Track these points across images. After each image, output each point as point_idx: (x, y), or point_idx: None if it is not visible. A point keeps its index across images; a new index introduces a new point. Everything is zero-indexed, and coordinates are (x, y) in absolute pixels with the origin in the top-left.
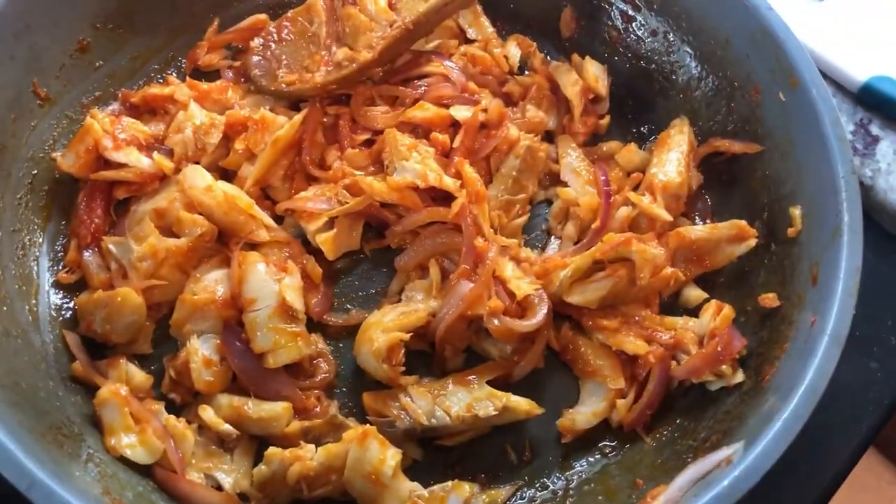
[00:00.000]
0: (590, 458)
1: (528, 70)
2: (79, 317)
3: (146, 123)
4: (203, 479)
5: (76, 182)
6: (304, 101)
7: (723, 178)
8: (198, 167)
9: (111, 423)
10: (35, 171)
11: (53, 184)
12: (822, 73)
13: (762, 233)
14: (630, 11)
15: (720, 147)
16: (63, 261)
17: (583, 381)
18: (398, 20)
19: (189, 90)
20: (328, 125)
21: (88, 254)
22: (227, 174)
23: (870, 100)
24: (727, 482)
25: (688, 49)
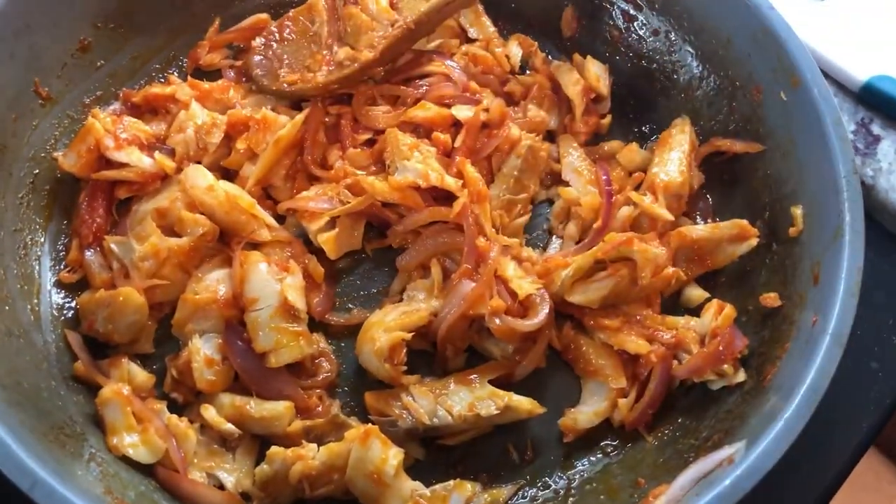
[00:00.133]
0: (591, 458)
1: (530, 69)
2: (80, 316)
3: (147, 123)
4: (205, 479)
5: (78, 181)
6: (306, 101)
7: (724, 178)
8: (199, 167)
9: (113, 423)
10: (37, 171)
11: (55, 183)
12: (824, 73)
13: (763, 232)
14: (631, 11)
15: (722, 146)
16: (65, 260)
17: (584, 381)
18: (400, 19)
19: (190, 90)
20: (330, 125)
21: (90, 253)
22: (229, 174)
23: (871, 99)
24: (729, 481)
25: (689, 48)
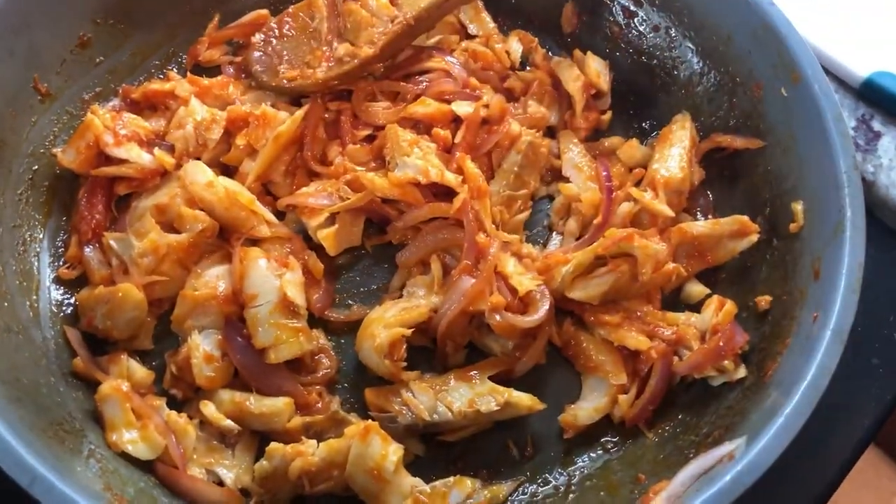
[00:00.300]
0: (592, 454)
1: (530, 66)
2: (80, 313)
3: (147, 119)
4: (204, 475)
5: (77, 178)
6: (306, 97)
7: (724, 174)
8: (199, 163)
9: (112, 419)
10: (36, 167)
11: (54, 180)
12: (824, 69)
13: (764, 228)
14: (632, 7)
15: (722, 143)
16: (64, 257)
17: (585, 377)
18: (399, 16)
19: (190, 86)
20: (329, 121)
21: (89, 250)
22: (229, 170)
23: (872, 95)
24: (729, 477)
25: (689, 45)
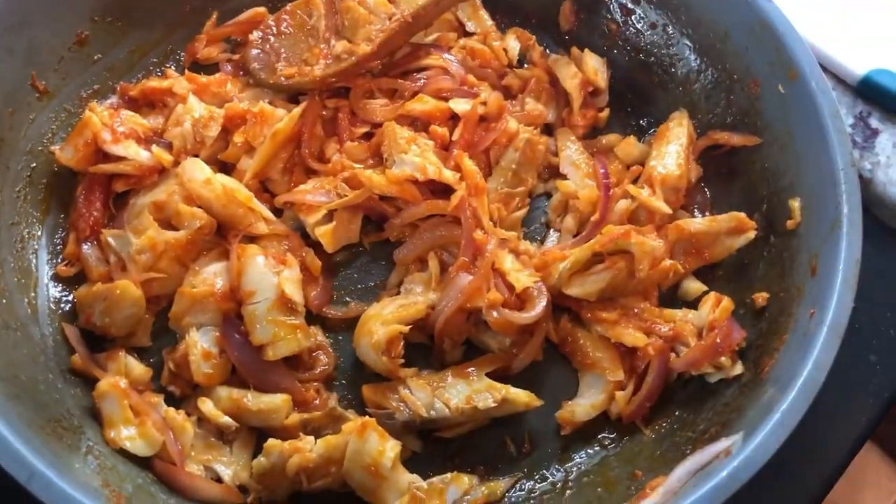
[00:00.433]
0: (589, 450)
1: (528, 63)
2: (78, 309)
3: (145, 116)
4: (202, 472)
5: (75, 175)
6: (303, 94)
7: (722, 171)
8: (197, 160)
9: (110, 416)
10: (34, 165)
11: (52, 177)
12: (822, 67)
13: (761, 225)
14: (629, 4)
15: (719, 140)
16: (62, 254)
17: (582, 374)
18: (397, 13)
19: (188, 83)
20: (327, 118)
21: (87, 247)
22: (226, 167)
23: (869, 93)
24: (726, 473)
25: (687, 42)
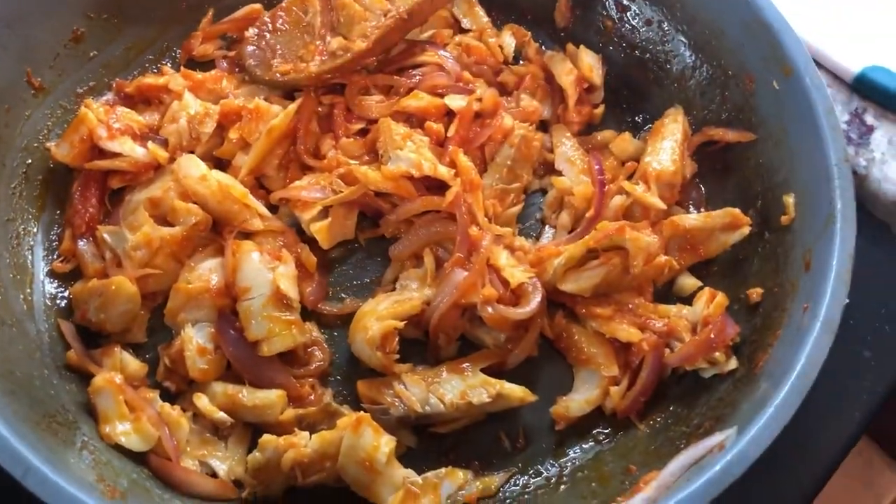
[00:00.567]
0: (583, 445)
1: (523, 60)
2: (73, 306)
3: (141, 113)
4: (198, 467)
5: (70, 172)
6: (299, 91)
7: (716, 167)
8: (192, 157)
9: (106, 411)
10: (29, 161)
11: (48, 173)
12: (818, 64)
13: (756, 221)
14: (625, 1)
15: (714, 136)
16: (58, 250)
17: (576, 369)
18: (393, 10)
19: (183, 80)
20: (323, 114)
21: (83, 243)
22: (222, 163)
23: (864, 90)
24: (719, 467)
25: (682, 38)
